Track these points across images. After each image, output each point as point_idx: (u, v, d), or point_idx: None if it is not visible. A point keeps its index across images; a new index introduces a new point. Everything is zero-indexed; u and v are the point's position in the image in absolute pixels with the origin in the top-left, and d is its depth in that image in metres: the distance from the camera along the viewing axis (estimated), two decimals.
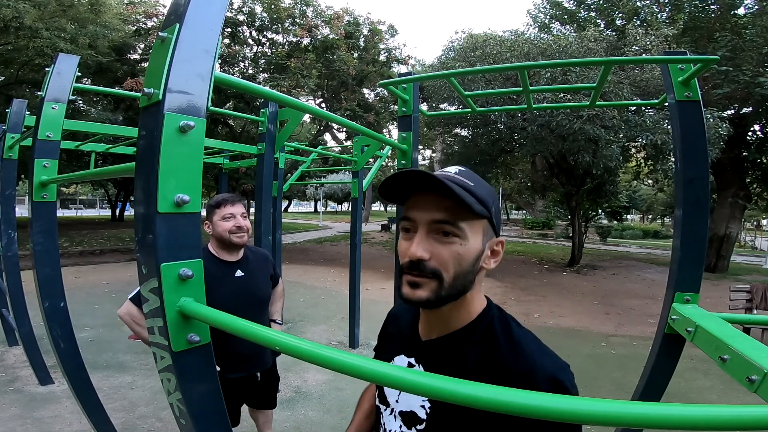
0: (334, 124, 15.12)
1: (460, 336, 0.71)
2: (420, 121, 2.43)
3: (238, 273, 1.82)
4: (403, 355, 0.79)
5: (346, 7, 14.07)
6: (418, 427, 0.73)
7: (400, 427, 0.76)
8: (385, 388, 0.82)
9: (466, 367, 0.68)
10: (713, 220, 11.04)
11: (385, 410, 0.81)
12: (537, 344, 0.69)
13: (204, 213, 1.61)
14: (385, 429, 0.80)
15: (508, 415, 0.49)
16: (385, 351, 0.86)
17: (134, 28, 12.80)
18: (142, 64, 12.81)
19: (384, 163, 8.30)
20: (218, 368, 1.59)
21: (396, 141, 2.10)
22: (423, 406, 0.72)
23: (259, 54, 13.38)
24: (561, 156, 9.63)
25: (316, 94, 15.02)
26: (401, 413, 0.76)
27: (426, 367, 0.73)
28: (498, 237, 0.71)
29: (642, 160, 11.47)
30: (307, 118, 15.06)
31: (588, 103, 2.16)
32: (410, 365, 0.76)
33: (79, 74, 2.02)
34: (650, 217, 36.93)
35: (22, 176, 10.52)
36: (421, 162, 11.25)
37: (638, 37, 8.22)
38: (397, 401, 0.78)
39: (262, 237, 2.98)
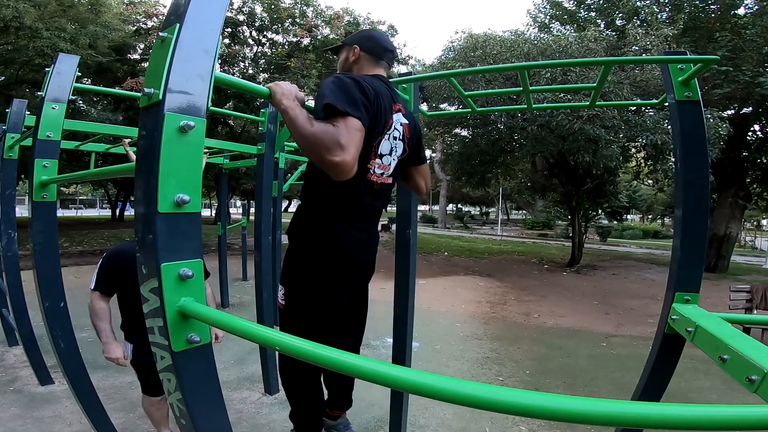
0: None
1: None
2: (420, 121, 2.42)
3: None
4: None
5: (346, 7, 14.05)
6: None
7: None
8: None
9: None
10: (713, 220, 11.04)
11: None
12: None
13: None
14: None
15: None
16: None
17: (134, 28, 12.78)
18: (142, 64, 12.80)
19: None
20: None
21: None
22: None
23: (259, 54, 13.37)
24: (561, 156, 9.63)
25: (316, 94, 15.00)
26: None
27: None
28: None
29: (642, 160, 11.46)
30: None
31: (588, 103, 2.16)
32: None
33: (79, 74, 2.01)
34: (650, 217, 36.89)
35: (22, 176, 10.51)
36: None
37: (638, 37, 8.22)
38: None
39: (262, 237, 2.97)
